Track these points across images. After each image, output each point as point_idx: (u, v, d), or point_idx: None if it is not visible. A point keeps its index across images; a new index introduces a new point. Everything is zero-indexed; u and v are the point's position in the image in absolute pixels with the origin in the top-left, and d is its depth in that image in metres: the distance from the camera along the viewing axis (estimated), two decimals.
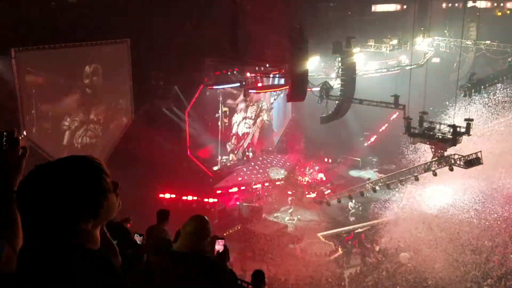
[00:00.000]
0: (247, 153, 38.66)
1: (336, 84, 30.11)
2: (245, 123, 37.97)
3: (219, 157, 36.23)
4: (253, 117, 38.81)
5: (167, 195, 30.31)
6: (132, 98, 29.18)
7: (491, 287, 21.94)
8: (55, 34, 23.37)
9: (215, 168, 35.81)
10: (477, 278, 22.67)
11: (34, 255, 1.80)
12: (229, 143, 36.65)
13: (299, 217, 32.51)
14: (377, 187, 28.96)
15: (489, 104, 32.08)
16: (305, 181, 36.63)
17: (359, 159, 40.83)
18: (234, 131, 36.96)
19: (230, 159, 36.98)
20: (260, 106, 39.30)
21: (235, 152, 37.43)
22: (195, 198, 31.69)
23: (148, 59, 28.17)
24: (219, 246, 4.32)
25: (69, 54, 25.49)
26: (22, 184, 1.87)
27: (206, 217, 4.32)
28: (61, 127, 25.99)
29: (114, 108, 29.13)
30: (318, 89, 30.24)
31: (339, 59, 29.20)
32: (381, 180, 29.56)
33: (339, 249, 27.97)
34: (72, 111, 26.56)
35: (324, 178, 37.33)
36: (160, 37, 27.27)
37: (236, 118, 37.20)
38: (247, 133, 38.57)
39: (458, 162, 24.02)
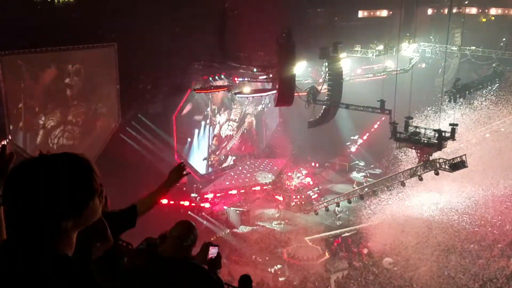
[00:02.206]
0: (230, 157, 38.64)
1: (323, 88, 30.33)
2: (228, 125, 37.98)
3: (205, 160, 36.32)
4: (237, 120, 38.81)
5: None
6: (119, 102, 29.04)
7: None
8: (41, 37, 23.24)
9: (202, 171, 35.86)
10: (462, 281, 22.88)
11: (4, 257, 1.76)
12: (210, 144, 36.61)
13: (286, 221, 32.56)
14: (364, 195, 29.24)
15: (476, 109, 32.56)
16: (292, 186, 36.70)
17: (346, 164, 41.05)
18: (216, 132, 36.93)
19: (212, 159, 36.98)
20: (244, 110, 39.31)
21: (217, 153, 37.41)
22: (182, 202, 31.60)
23: (136, 63, 28.10)
24: (212, 254, 4.31)
25: (54, 57, 25.34)
26: (10, 174, 1.83)
27: (192, 223, 4.31)
28: (35, 125, 25.56)
29: (96, 111, 28.78)
30: (306, 93, 30.43)
31: (326, 64, 29.45)
32: (368, 188, 29.82)
33: (326, 253, 28.07)
34: (48, 110, 26.13)
35: (311, 183, 37.45)
36: (147, 41, 27.21)
37: (220, 119, 37.19)
38: (231, 136, 38.55)
39: (443, 166, 24.31)
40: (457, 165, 23.94)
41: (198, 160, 35.90)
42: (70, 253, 1.87)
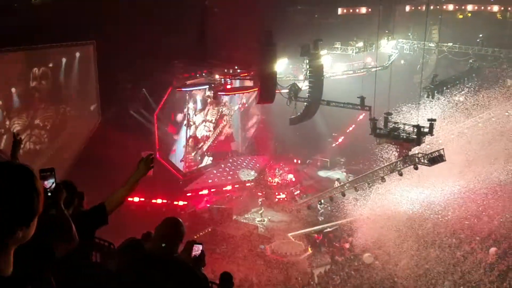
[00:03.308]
0: (207, 158, 38.68)
1: (304, 86, 30.52)
2: (204, 125, 37.93)
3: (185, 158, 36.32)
4: (213, 121, 38.80)
5: (136, 199, 30.10)
6: (99, 100, 28.82)
7: (454, 283, 22.57)
8: (16, 36, 22.85)
9: (181, 168, 35.84)
10: (441, 274, 23.29)
11: None
12: (185, 143, 36.64)
13: (269, 218, 32.72)
14: (345, 191, 29.56)
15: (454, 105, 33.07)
16: (275, 182, 36.91)
17: (327, 160, 41.36)
18: (191, 132, 36.94)
19: (190, 161, 36.95)
20: (221, 111, 39.32)
21: (193, 153, 37.39)
22: (164, 201, 31.57)
23: (115, 61, 27.89)
24: (196, 251, 4.33)
25: (29, 56, 24.93)
26: None
27: (180, 220, 4.29)
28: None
29: (70, 112, 28.39)
30: (287, 91, 30.59)
31: (307, 61, 29.61)
32: (349, 184, 30.13)
33: (309, 248, 28.31)
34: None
35: (293, 179, 37.69)
36: (127, 39, 27.04)
37: (196, 119, 37.19)
38: (207, 137, 38.53)
39: (422, 160, 24.70)
40: (435, 159, 24.35)
41: (178, 160, 35.88)
42: (8, 272, 1.78)
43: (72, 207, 4.29)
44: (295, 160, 41.47)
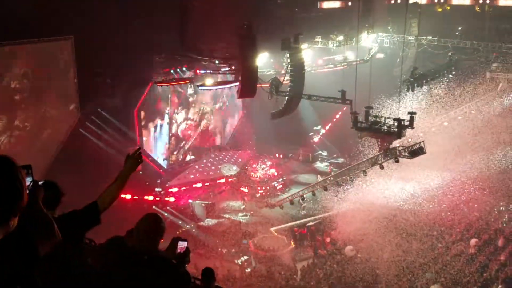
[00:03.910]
0: (189, 156, 38.50)
1: (285, 80, 30.50)
2: (186, 124, 37.69)
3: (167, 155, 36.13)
4: (195, 119, 38.57)
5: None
6: (78, 96, 28.38)
7: (435, 274, 22.84)
8: None
9: (164, 164, 35.65)
10: (423, 265, 23.55)
11: None
12: (167, 142, 36.42)
13: (252, 212, 32.74)
14: (327, 186, 29.68)
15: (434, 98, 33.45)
16: (257, 177, 36.89)
17: (309, 154, 41.49)
18: (173, 131, 36.68)
19: (171, 159, 36.77)
20: (202, 109, 39.11)
21: (175, 152, 37.19)
22: (146, 197, 31.36)
23: (94, 56, 27.48)
24: (181, 248, 4.31)
25: (11, 54, 24.42)
26: None
27: (160, 216, 4.28)
28: None
29: (49, 110, 27.90)
30: (268, 85, 30.54)
31: (288, 55, 29.58)
32: (331, 178, 30.25)
33: (292, 242, 28.39)
34: None
35: (276, 173, 37.74)
36: (106, 34, 26.64)
37: (178, 117, 36.92)
38: (189, 135, 38.31)
39: (403, 153, 24.90)
40: (416, 151, 24.57)
41: (160, 157, 35.65)
42: None
43: (58, 208, 4.22)
44: (277, 155, 41.52)
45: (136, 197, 30.94)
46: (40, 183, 2.70)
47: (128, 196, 30.53)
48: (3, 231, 1.80)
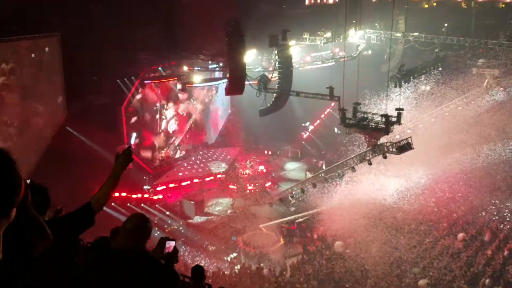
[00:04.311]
0: (179, 152, 38.38)
1: (273, 76, 30.50)
2: (175, 120, 37.56)
3: (157, 153, 35.94)
4: (184, 115, 38.45)
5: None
6: (64, 94, 28.11)
7: (423, 269, 23.01)
8: None
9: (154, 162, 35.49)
10: (410, 260, 23.71)
11: None
12: (158, 139, 36.25)
13: (241, 209, 32.72)
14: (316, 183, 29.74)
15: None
16: (246, 174, 36.89)
17: (298, 151, 41.57)
18: (163, 127, 36.52)
19: (161, 155, 36.63)
20: (191, 104, 38.94)
21: (165, 149, 37.07)
22: (134, 195, 31.23)
23: (81, 53, 27.26)
24: (168, 247, 4.27)
25: None
26: None
27: (146, 215, 4.22)
28: None
29: (36, 107, 27.65)
30: (256, 82, 30.52)
31: (276, 52, 29.58)
32: (320, 175, 30.31)
33: (281, 239, 28.44)
34: None
35: (264, 170, 37.77)
36: (93, 31, 26.45)
37: (167, 114, 36.77)
38: (178, 131, 38.18)
39: (390, 149, 25.02)
40: (403, 147, 24.68)
41: (148, 154, 35.47)
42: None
43: (47, 213, 4.21)
44: (265, 151, 41.55)
45: (125, 195, 30.86)
46: (28, 181, 2.67)
47: (116, 194, 30.41)
48: (6, 222, 1.83)
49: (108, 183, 4.13)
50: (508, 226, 26.17)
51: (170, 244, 4.31)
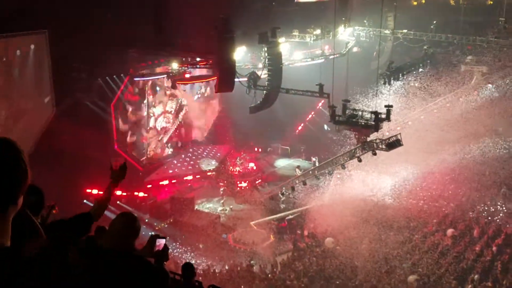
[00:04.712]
0: (167, 149, 38.25)
1: (263, 74, 30.48)
2: (164, 117, 37.40)
3: (146, 150, 35.81)
4: (173, 112, 38.32)
5: (95, 191, 29.50)
6: (53, 92, 27.84)
7: (412, 265, 23.17)
8: None
9: (142, 159, 35.36)
10: (399, 256, 23.87)
11: None
12: (146, 136, 36.12)
13: (231, 207, 32.72)
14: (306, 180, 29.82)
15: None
16: (236, 171, 36.89)
17: (288, 148, 41.61)
18: (151, 124, 36.36)
19: (149, 152, 36.49)
20: (180, 101, 38.85)
21: (154, 146, 36.92)
22: (124, 193, 31.05)
23: (69, 51, 27.02)
24: (159, 245, 4.24)
25: None
26: None
27: (134, 215, 4.19)
28: None
29: (21, 106, 27.32)
30: (246, 79, 30.48)
31: (265, 49, 29.56)
32: (310, 172, 30.39)
33: (271, 236, 28.48)
34: None
35: (254, 168, 37.78)
36: (81, 27, 26.20)
37: (155, 111, 36.63)
38: (167, 128, 38.07)
39: (380, 145, 25.13)
40: (393, 144, 24.81)
41: (137, 151, 35.28)
42: (7, 242, 1.88)
43: (42, 215, 4.25)
44: (256, 149, 41.54)
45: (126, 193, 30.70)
46: None
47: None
48: (14, 210, 1.90)
49: (104, 196, 4.26)
50: (497, 222, 26.45)
51: (161, 242, 4.29)
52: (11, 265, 1.85)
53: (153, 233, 4.70)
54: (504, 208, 27.51)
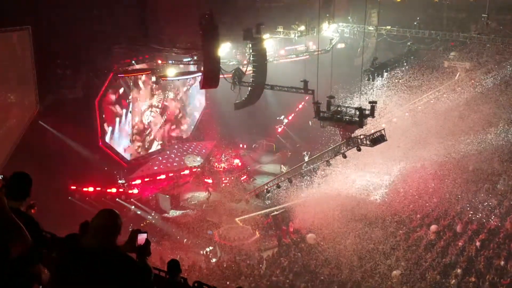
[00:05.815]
0: (156, 143, 38.11)
1: (248, 70, 30.46)
2: (150, 111, 37.23)
3: (131, 145, 35.64)
4: (159, 106, 38.14)
5: (80, 188, 29.42)
6: (36, 88, 27.54)
7: (398, 260, 23.42)
8: None
9: (127, 156, 35.15)
10: (384, 251, 24.10)
11: None
12: (131, 131, 35.94)
13: (216, 203, 32.72)
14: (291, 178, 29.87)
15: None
16: (221, 168, 36.91)
17: (273, 144, 41.70)
18: (137, 120, 36.19)
19: (136, 148, 36.32)
20: (167, 95, 38.68)
21: (141, 141, 36.76)
22: (109, 190, 30.96)
23: (53, 47, 26.79)
24: (140, 240, 4.18)
25: None
26: None
27: (116, 211, 4.08)
28: None
29: (6, 102, 27.07)
30: (231, 75, 30.44)
31: (250, 45, 29.50)
32: (295, 170, 30.43)
33: (257, 232, 28.56)
34: None
35: (240, 164, 37.82)
36: (64, 23, 25.95)
37: (141, 105, 36.41)
38: (154, 123, 37.88)
39: (364, 141, 25.24)
40: (377, 139, 24.86)
41: (121, 148, 35.05)
42: None
43: (28, 198, 4.42)
44: (241, 145, 41.57)
45: (99, 189, 30.59)
46: (0, 177, 2.65)
47: (91, 189, 30.14)
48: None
49: None
50: (480, 217, 26.76)
51: (142, 237, 4.23)
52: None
53: (133, 228, 4.60)
54: (487, 203, 27.84)
